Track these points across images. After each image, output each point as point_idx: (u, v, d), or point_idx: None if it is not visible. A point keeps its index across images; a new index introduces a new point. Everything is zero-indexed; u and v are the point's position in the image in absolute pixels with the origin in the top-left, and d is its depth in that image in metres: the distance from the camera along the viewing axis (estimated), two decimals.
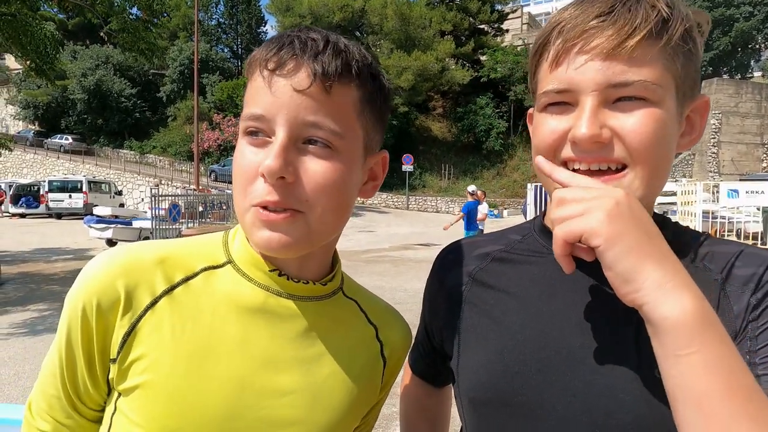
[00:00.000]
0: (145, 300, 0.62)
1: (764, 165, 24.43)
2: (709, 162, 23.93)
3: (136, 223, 13.27)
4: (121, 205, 23.68)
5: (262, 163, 0.58)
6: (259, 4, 42.36)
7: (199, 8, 26.97)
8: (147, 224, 12.49)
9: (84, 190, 22.88)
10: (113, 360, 0.62)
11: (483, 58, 30.78)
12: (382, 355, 0.76)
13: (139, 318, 0.62)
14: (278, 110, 0.58)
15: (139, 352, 0.61)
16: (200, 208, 13.35)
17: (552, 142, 0.62)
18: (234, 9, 41.55)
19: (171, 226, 11.56)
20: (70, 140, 33.39)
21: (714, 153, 24.12)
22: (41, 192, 23.31)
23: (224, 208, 13.90)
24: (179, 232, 11.10)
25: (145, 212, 16.33)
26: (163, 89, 35.56)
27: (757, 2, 34.84)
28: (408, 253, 12.07)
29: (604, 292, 0.62)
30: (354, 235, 15.69)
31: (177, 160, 32.69)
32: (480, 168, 28.94)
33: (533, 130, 0.68)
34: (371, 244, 13.67)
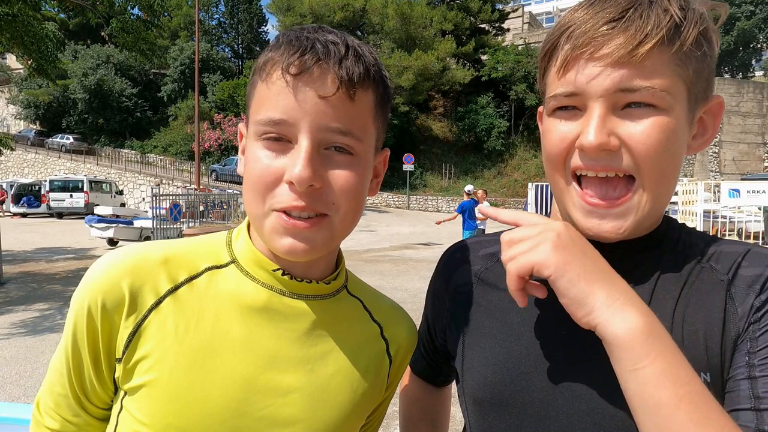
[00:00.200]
0: (150, 300, 0.63)
1: (766, 164, 24.41)
2: (711, 161, 23.92)
3: (137, 223, 13.27)
4: (122, 205, 23.76)
5: (289, 171, 0.58)
6: (260, 4, 42.45)
7: (200, 8, 27.02)
8: (148, 224, 12.48)
9: (85, 189, 22.93)
10: (119, 359, 0.63)
11: (484, 58, 30.69)
12: (388, 353, 0.76)
13: (144, 318, 0.62)
14: (302, 116, 0.58)
15: (144, 352, 0.62)
16: (201, 208, 13.36)
17: (561, 151, 0.62)
18: (235, 9, 41.60)
19: (172, 226, 11.56)
20: (72, 140, 33.38)
21: (715, 152, 24.10)
22: (42, 191, 23.37)
23: (225, 207, 13.92)
24: (180, 232, 11.11)
25: (146, 212, 16.32)
26: (164, 89, 35.56)
27: (759, 1, 34.75)
28: (409, 253, 12.06)
29: None
30: (355, 234, 15.59)
31: (178, 160, 32.69)
32: (481, 167, 28.88)
33: (543, 134, 0.68)
34: (372, 244, 13.67)
